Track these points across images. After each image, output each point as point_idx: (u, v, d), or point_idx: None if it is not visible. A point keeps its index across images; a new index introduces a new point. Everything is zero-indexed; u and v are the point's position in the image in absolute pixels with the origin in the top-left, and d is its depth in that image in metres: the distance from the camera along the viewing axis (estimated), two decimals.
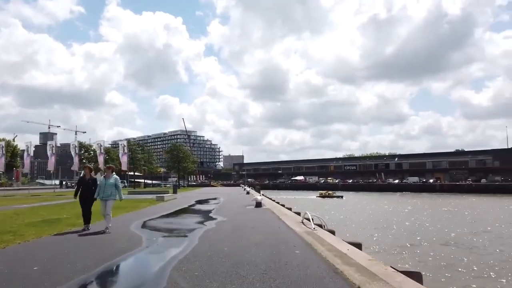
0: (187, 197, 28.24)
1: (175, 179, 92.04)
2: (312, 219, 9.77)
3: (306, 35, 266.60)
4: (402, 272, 4.76)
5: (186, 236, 8.27)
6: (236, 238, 7.71)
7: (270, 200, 24.45)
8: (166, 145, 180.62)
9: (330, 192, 67.50)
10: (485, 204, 46.19)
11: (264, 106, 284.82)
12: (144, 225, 10.18)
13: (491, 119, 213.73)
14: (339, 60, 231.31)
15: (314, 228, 8.83)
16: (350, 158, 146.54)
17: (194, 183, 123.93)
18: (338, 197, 61.46)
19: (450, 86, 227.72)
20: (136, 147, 66.11)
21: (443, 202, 49.36)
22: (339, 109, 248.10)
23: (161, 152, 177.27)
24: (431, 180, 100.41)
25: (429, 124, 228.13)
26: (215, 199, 25.23)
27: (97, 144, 44.44)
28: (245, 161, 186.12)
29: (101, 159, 41.27)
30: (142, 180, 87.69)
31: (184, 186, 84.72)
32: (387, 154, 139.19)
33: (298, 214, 13.61)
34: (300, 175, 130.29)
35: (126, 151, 40.22)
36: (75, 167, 41.10)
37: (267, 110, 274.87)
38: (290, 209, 16.77)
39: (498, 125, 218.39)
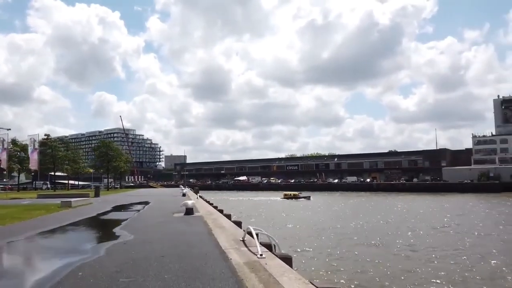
0: (107, 201, 23.67)
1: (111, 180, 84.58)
2: (257, 235, 6.62)
3: (247, 37, 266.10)
4: None
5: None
6: None
7: (206, 203, 20.90)
8: None
9: (296, 193, 63.41)
10: (423, 202, 47.35)
11: (206, 106, 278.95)
12: None
13: (416, 123, 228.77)
14: (278, 62, 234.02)
15: (261, 254, 5.65)
16: (292, 158, 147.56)
17: (132, 184, 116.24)
18: (305, 198, 57.63)
19: (381, 92, 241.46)
20: (58, 143, 58.22)
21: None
22: (280, 111, 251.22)
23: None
24: (368, 180, 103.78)
25: (362, 127, 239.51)
26: (141, 203, 21.09)
27: (31, 139, 36.98)
28: (187, 161, 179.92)
29: (34, 156, 34.65)
30: (74, 182, 79.14)
31: (116, 188, 77.87)
32: (327, 155, 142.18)
33: (239, 224, 10.37)
34: (243, 175, 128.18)
35: (36, 147, 34.05)
36: (3, 164, 33.87)
37: (209, 110, 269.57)
38: (229, 216, 13.37)
39: (423, 128, 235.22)
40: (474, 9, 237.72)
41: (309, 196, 58.13)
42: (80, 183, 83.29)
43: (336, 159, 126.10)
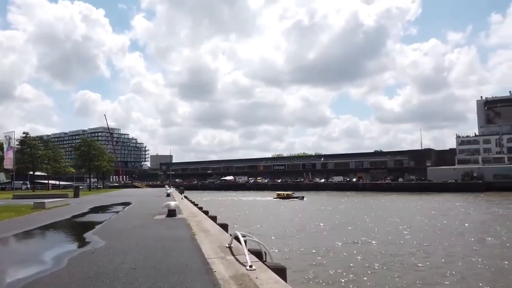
0: (86, 202, 22.46)
1: (95, 180, 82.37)
2: (246, 242, 5.79)
3: (233, 37, 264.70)
4: None
5: None
6: None
7: (191, 204, 19.97)
8: None
9: (289, 192, 61.92)
10: (417, 202, 47.28)
11: (193, 105, 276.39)
12: None
13: (401, 123, 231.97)
14: (265, 63, 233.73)
15: (250, 266, 4.83)
16: (279, 158, 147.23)
17: (116, 184, 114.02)
18: (298, 198, 55.98)
19: (366, 92, 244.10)
20: (37, 142, 56.01)
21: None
22: (266, 111, 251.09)
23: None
24: (354, 179, 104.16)
25: (348, 127, 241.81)
26: (122, 204, 19.98)
27: (6, 136, 35.12)
28: (173, 161, 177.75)
29: (9, 155, 32.85)
30: (55, 182, 76.64)
31: (99, 188, 75.88)
32: (313, 154, 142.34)
33: (225, 228, 9.54)
34: (229, 175, 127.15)
35: (12, 145, 32.37)
36: None
37: (196, 109, 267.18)
38: (214, 219, 12.47)
39: (407, 129, 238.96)
40: (457, 12, 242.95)
41: (303, 196, 56.74)
42: (62, 183, 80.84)
43: (322, 159, 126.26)
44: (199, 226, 9.41)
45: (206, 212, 14.87)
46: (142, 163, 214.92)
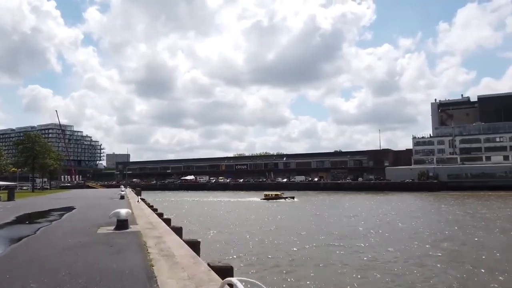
0: (19, 207, 19.15)
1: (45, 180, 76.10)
2: None
3: (191, 34, 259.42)
4: None
5: None
6: None
7: (149, 209, 17.54)
8: None
9: (278, 193, 58.01)
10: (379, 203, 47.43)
11: (150, 103, 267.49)
12: None
13: (356, 124, 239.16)
14: (224, 62, 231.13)
15: None
16: (241, 158, 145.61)
17: (68, 184, 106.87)
18: (288, 198, 52.73)
19: (323, 94, 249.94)
20: None
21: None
22: (226, 110, 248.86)
23: None
24: (316, 179, 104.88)
25: (306, 128, 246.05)
26: (62, 210, 16.92)
27: None
28: (131, 160, 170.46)
29: None
30: None
31: (46, 188, 70.15)
32: (275, 154, 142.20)
33: (196, 246, 7.31)
34: (190, 174, 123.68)
35: None
36: None
37: (154, 107, 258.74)
38: (179, 231, 10.07)
39: (362, 130, 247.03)
40: (408, 19, 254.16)
41: (293, 196, 53.80)
42: (2, 183, 73.71)
43: (284, 159, 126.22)
44: (160, 247, 6.94)
45: (167, 221, 12.51)
46: (97, 162, 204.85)
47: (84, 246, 7.52)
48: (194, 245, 7.34)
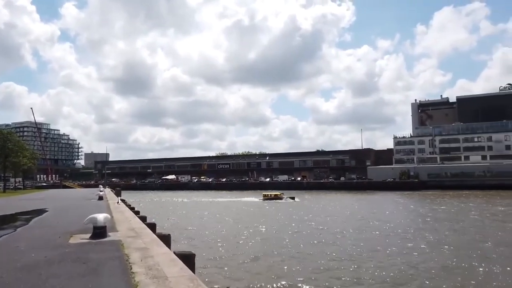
0: None
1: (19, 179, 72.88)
2: None
3: (171, 32, 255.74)
4: None
5: None
6: None
7: (130, 212, 16.44)
8: None
9: (277, 193, 55.00)
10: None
11: (130, 101, 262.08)
12: None
13: (336, 124, 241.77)
14: (205, 60, 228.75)
15: None
16: (224, 157, 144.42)
17: (44, 184, 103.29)
18: (289, 198, 50.29)
19: (304, 94, 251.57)
20: None
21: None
22: (207, 109, 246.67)
23: None
24: (299, 178, 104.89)
25: (287, 127, 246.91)
26: (32, 213, 15.49)
27: None
28: (110, 159, 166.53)
29: None
30: None
31: (20, 188, 67.25)
32: (258, 153, 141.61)
33: (189, 259, 6.08)
34: (171, 173, 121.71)
35: None
36: None
37: (133, 106, 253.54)
38: (167, 239, 8.34)
39: (342, 130, 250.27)
40: (387, 21, 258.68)
41: (294, 197, 51.24)
42: None
43: (267, 158, 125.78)
44: (147, 264, 5.68)
45: (152, 227, 11.39)
46: (75, 161, 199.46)
47: (49, 264, 6.04)
48: (188, 259, 6.28)
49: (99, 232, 8.33)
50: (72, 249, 7.40)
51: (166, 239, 8.36)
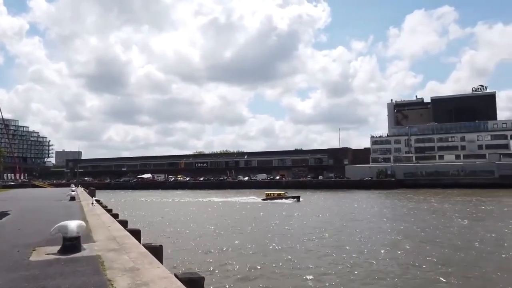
0: None
1: None
2: None
3: (146, 29, 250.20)
4: None
5: None
6: None
7: (109, 215, 14.89)
8: None
9: (280, 192, 52.03)
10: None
11: (102, 98, 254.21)
12: None
13: (312, 124, 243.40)
14: (180, 58, 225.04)
15: None
16: (201, 155, 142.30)
17: (11, 183, 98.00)
18: (292, 198, 47.61)
19: (280, 93, 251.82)
20: None
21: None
22: (183, 107, 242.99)
23: None
24: (277, 177, 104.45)
25: (264, 127, 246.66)
26: None
27: None
28: (82, 158, 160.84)
29: None
30: None
31: None
32: (236, 152, 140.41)
33: (196, 285, 4.34)
34: (147, 172, 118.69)
35: None
36: None
37: (106, 103, 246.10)
38: (159, 252, 6.27)
39: (317, 129, 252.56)
40: (361, 22, 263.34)
41: (299, 196, 48.08)
42: None
43: (246, 157, 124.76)
44: None
45: (137, 234, 9.65)
46: (45, 159, 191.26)
47: None
48: (195, 285, 4.67)
49: (70, 244, 6.36)
50: (33, 271, 5.25)
51: (157, 252, 6.56)
